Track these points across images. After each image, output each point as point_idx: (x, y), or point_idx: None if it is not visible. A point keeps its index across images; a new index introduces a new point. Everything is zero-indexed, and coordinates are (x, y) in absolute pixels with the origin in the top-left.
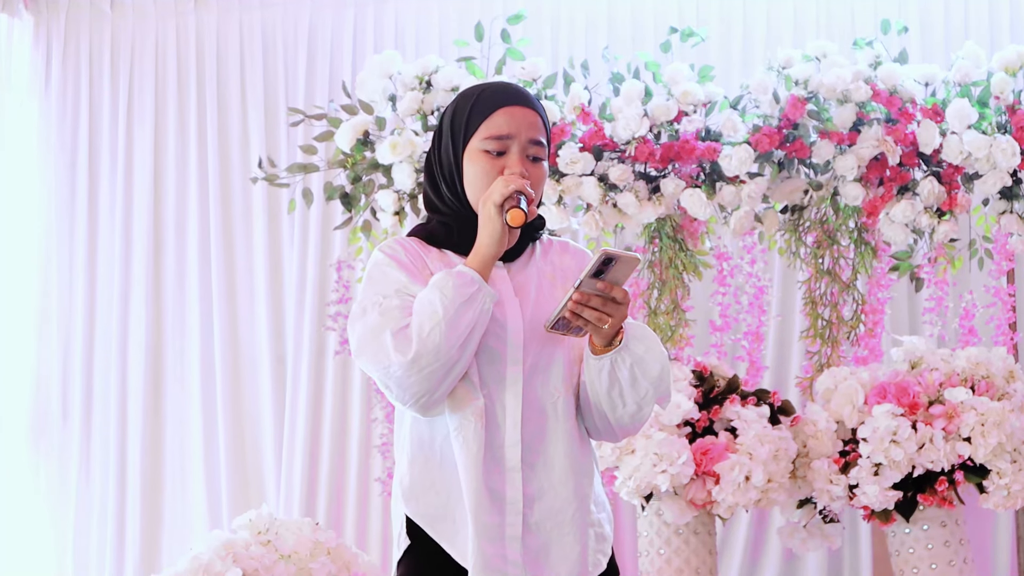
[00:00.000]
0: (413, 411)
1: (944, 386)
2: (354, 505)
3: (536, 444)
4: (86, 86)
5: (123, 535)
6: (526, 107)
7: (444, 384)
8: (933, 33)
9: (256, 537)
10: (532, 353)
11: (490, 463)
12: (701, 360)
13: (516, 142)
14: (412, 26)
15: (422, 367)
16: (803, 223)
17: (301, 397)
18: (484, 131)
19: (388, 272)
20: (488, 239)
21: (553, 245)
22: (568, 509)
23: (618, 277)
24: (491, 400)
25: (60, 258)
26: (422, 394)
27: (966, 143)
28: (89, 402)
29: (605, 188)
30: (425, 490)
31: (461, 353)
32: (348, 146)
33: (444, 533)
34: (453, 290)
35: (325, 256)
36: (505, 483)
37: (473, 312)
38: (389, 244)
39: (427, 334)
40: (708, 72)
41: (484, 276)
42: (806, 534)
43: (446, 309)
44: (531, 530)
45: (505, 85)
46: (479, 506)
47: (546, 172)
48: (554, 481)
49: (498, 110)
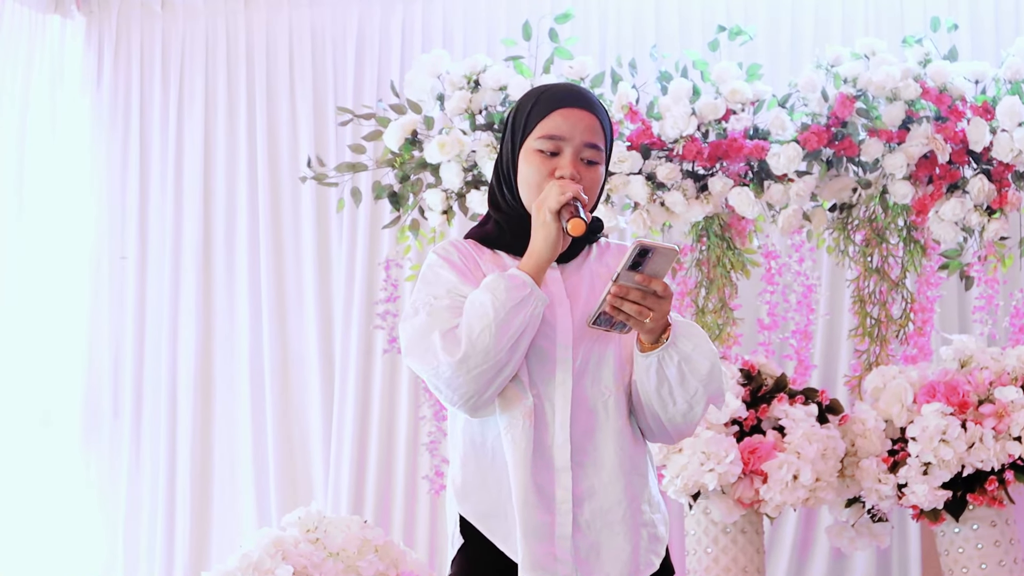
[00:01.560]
0: (463, 412)
1: (994, 385)
2: (402, 503)
3: (585, 443)
4: (137, 85)
5: (172, 532)
6: (585, 110)
7: (493, 385)
8: (983, 30)
9: (305, 535)
10: (582, 353)
11: (539, 462)
12: (749, 359)
13: (570, 144)
14: (460, 25)
15: (471, 368)
16: (852, 221)
17: (349, 395)
18: (540, 130)
19: (440, 273)
20: (542, 243)
21: (610, 248)
22: (618, 509)
23: (657, 270)
24: (540, 400)
25: (111, 257)
26: (471, 395)
27: (1017, 140)
28: (140, 400)
29: (653, 186)
30: (477, 488)
31: (511, 355)
32: (396, 145)
33: (497, 531)
34: (505, 292)
35: (373, 255)
36: (555, 482)
37: (524, 315)
38: (443, 246)
39: (477, 335)
40: (756, 70)
41: (537, 280)
42: (854, 533)
43: (497, 311)
44: (581, 529)
45: (568, 87)
46: (527, 505)
47: (602, 176)
48: (604, 480)
49: (556, 111)
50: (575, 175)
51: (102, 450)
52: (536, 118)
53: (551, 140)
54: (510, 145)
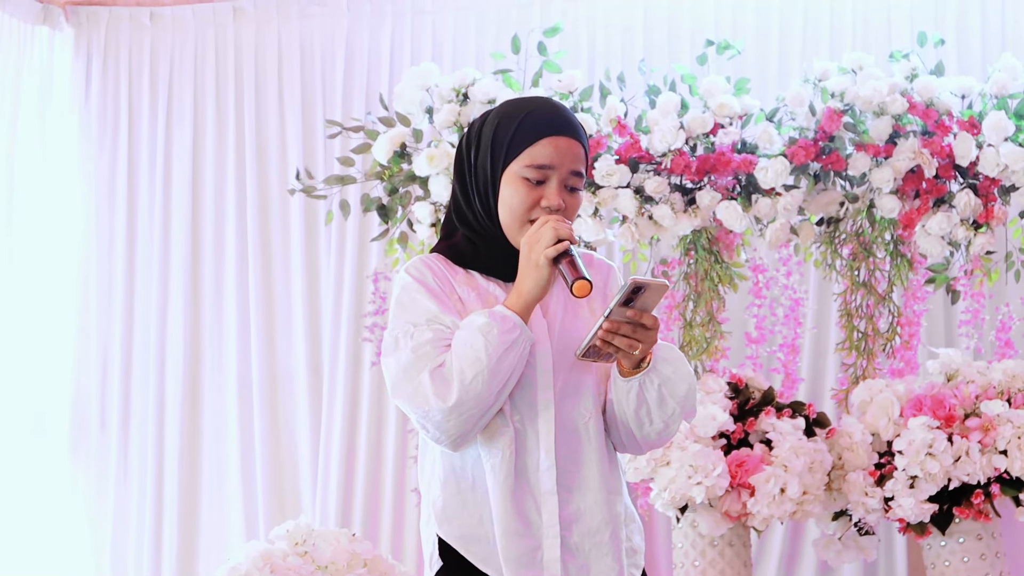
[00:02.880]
0: (447, 447)
1: (980, 399)
2: (390, 516)
3: (571, 466)
4: (125, 97)
5: (160, 544)
6: (571, 137)
7: (480, 424)
8: (970, 45)
9: (293, 548)
10: (562, 376)
11: (522, 488)
12: (736, 372)
13: (557, 173)
14: (449, 39)
15: (462, 412)
16: (839, 235)
17: (337, 407)
18: (527, 158)
19: (417, 299)
20: (533, 286)
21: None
22: (606, 530)
23: (647, 303)
24: (523, 426)
25: (99, 268)
26: (459, 436)
27: (1003, 155)
28: (127, 412)
29: (641, 200)
30: (458, 512)
31: (499, 397)
32: (385, 158)
33: (478, 553)
34: (498, 337)
35: (362, 267)
36: (540, 507)
37: (514, 357)
38: (416, 265)
39: (470, 381)
40: (744, 84)
41: (525, 320)
42: (841, 546)
43: (490, 357)
44: (571, 551)
45: (552, 111)
46: (508, 533)
47: (580, 201)
48: (590, 502)
49: (544, 138)
50: (561, 205)
51: (90, 461)
52: (522, 143)
53: (539, 170)
54: (489, 163)
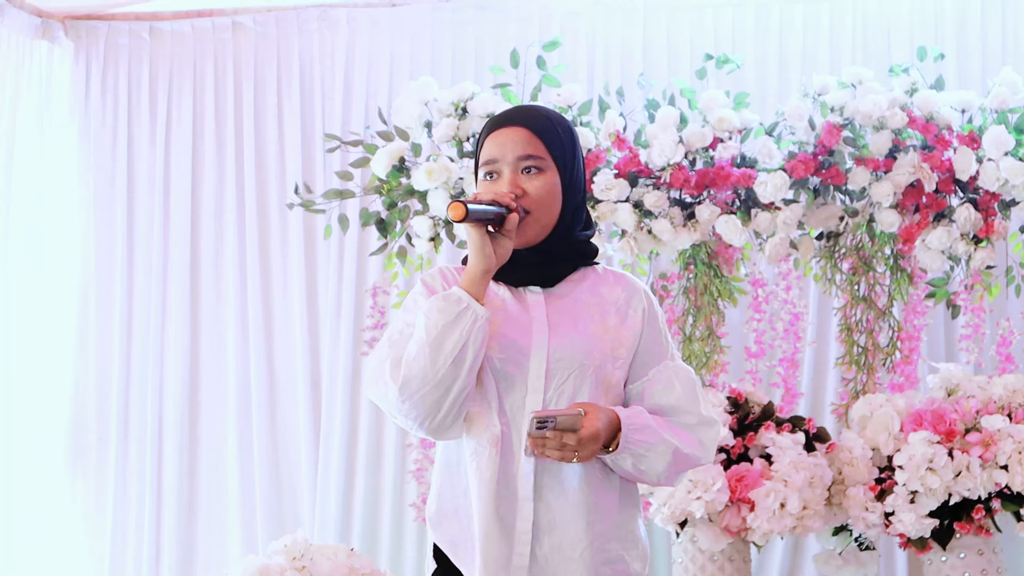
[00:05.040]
0: (424, 435)
1: (981, 413)
2: (389, 531)
3: (549, 476)
4: (124, 112)
5: (158, 558)
6: (512, 126)
7: (444, 406)
8: (970, 60)
9: (291, 562)
10: (555, 384)
11: (504, 491)
12: (736, 387)
13: (505, 163)
14: (448, 52)
15: (412, 392)
16: (839, 250)
17: (336, 422)
18: (481, 160)
19: (419, 301)
20: (472, 255)
21: (608, 276)
22: (578, 546)
23: (567, 427)
24: (509, 429)
25: (99, 282)
26: (421, 418)
27: (1003, 170)
28: (126, 424)
29: (640, 214)
30: (449, 517)
31: (455, 373)
32: (384, 172)
33: (464, 559)
34: (436, 312)
35: (361, 282)
36: (516, 513)
37: (460, 332)
38: (430, 273)
39: (413, 358)
40: (743, 99)
41: (474, 293)
42: (841, 561)
43: (428, 332)
44: (539, 562)
45: (505, 111)
46: (488, 535)
47: (551, 182)
48: (566, 516)
49: (488, 137)
50: (512, 191)
51: (88, 474)
52: (479, 149)
53: (489, 165)
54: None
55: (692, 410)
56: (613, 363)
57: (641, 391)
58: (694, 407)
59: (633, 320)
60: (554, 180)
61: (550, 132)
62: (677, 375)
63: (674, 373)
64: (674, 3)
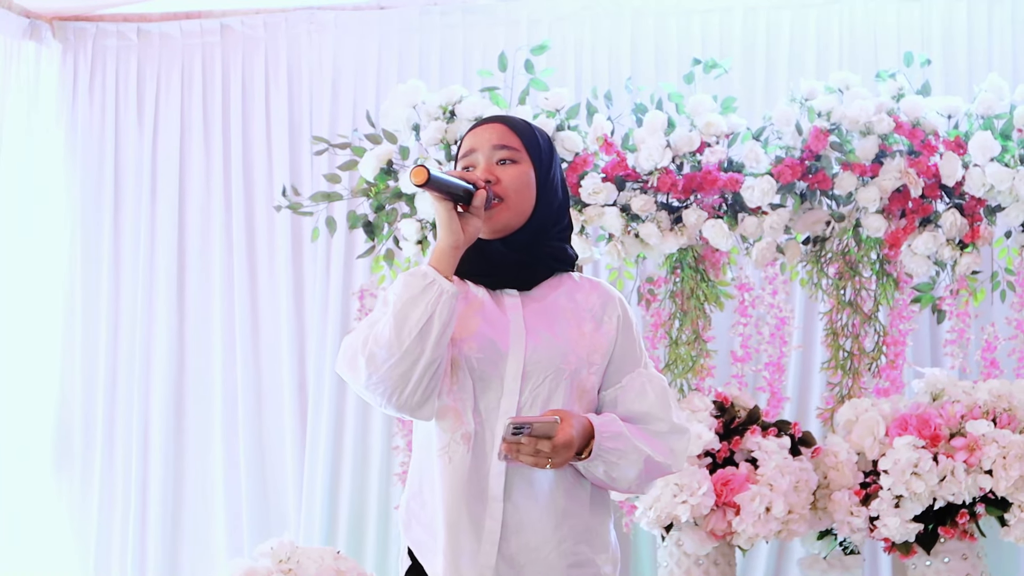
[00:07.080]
0: (395, 412)
1: (966, 418)
2: (375, 533)
3: (521, 478)
4: (112, 113)
5: (144, 561)
6: (490, 123)
7: (413, 379)
8: (956, 65)
9: (277, 565)
10: (531, 387)
11: (474, 490)
12: (722, 391)
13: (481, 153)
14: (436, 56)
15: (379, 364)
16: (825, 254)
17: (322, 424)
18: (459, 155)
19: None
20: (440, 231)
21: (584, 284)
22: (545, 547)
23: (542, 433)
24: (482, 428)
25: (85, 284)
26: (390, 391)
27: (989, 175)
28: (111, 427)
29: (627, 218)
30: (416, 514)
31: (421, 346)
32: (372, 175)
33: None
34: (402, 286)
35: (348, 284)
36: (485, 511)
37: (425, 304)
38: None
39: (380, 331)
40: (731, 103)
41: (441, 268)
42: (826, 565)
43: (394, 304)
44: (506, 561)
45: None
46: (455, 530)
47: (524, 173)
48: (534, 517)
49: (466, 136)
50: (487, 177)
51: (73, 477)
52: (459, 151)
53: (466, 158)
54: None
55: (664, 417)
56: (588, 368)
57: (614, 397)
58: (666, 415)
59: (608, 327)
60: (528, 172)
61: (526, 131)
62: (650, 383)
63: (647, 381)
64: (662, 8)
